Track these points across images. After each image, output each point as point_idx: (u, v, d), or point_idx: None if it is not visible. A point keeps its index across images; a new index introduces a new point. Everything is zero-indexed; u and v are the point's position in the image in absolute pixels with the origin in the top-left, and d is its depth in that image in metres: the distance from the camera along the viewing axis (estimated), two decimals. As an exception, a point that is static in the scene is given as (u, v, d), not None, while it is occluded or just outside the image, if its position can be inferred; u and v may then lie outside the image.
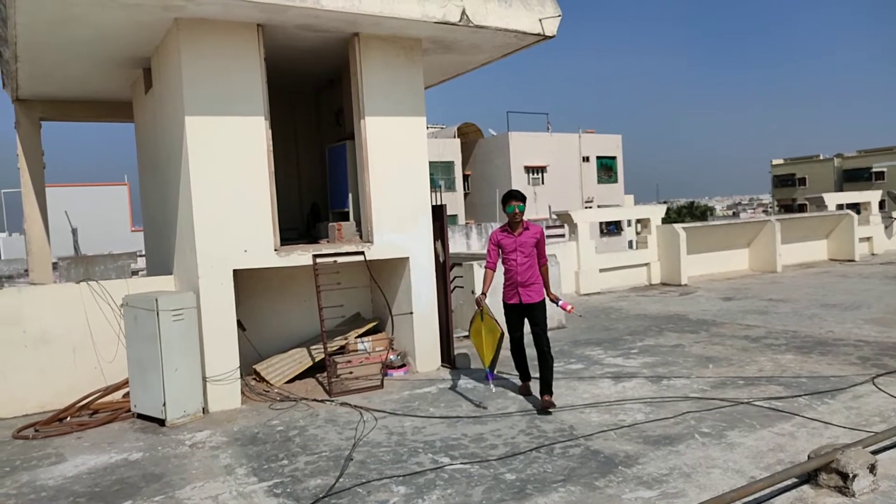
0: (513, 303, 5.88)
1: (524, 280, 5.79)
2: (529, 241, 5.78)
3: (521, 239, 5.79)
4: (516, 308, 5.89)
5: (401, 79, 7.17)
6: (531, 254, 5.80)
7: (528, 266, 5.79)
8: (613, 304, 11.64)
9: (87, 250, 24.81)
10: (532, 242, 5.79)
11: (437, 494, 4.07)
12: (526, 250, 5.78)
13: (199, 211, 6.24)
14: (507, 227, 5.86)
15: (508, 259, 5.83)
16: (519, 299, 5.82)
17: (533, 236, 5.80)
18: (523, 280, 5.79)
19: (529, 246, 5.79)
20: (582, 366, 7.21)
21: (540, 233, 5.84)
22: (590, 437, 4.92)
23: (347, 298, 7.65)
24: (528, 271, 5.79)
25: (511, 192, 5.84)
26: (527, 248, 5.78)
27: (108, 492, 4.45)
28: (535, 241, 5.79)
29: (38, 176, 9.84)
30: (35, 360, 6.44)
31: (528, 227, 5.84)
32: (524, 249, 5.78)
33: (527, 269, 5.78)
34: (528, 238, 5.79)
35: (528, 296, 5.80)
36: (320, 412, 6.01)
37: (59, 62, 7.40)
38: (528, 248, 5.78)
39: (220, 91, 6.28)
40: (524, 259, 5.78)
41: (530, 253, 5.79)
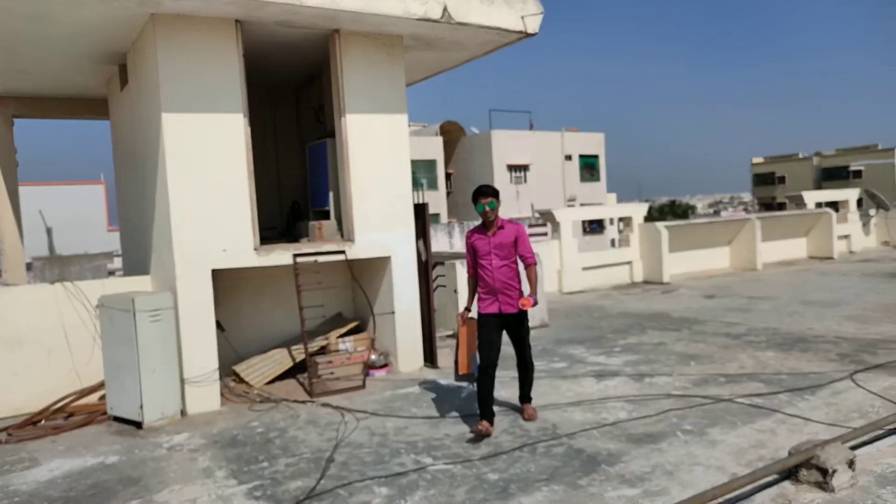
0: (489, 312, 5.16)
1: (502, 285, 5.13)
2: (506, 241, 5.15)
3: (497, 239, 5.15)
4: (494, 319, 5.16)
5: (382, 76, 7.11)
6: (508, 255, 5.16)
7: (506, 269, 5.14)
8: (596, 302, 11.66)
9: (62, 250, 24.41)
10: (509, 242, 5.15)
11: (419, 495, 4.03)
12: (502, 252, 5.15)
13: (177, 210, 6.13)
14: (481, 227, 5.28)
15: (482, 263, 5.19)
16: (498, 308, 5.14)
17: (509, 235, 5.16)
18: (501, 286, 5.12)
19: (506, 247, 5.15)
20: (565, 364, 7.20)
21: (518, 231, 5.20)
22: (573, 436, 4.90)
23: (328, 298, 7.57)
24: (506, 275, 5.13)
25: (480, 189, 5.19)
26: (503, 250, 5.15)
27: (83, 496, 4.35)
28: (511, 240, 5.16)
29: (11, 174, 9.63)
30: (8, 362, 6.29)
31: (504, 225, 5.20)
32: (500, 251, 5.15)
33: (504, 273, 5.13)
34: (503, 238, 5.15)
35: (509, 304, 5.13)
36: (301, 413, 5.93)
37: (34, 58, 7.24)
38: (505, 248, 5.15)
39: (198, 88, 6.17)
40: (500, 262, 5.14)
41: (507, 255, 5.16)
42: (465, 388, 6.42)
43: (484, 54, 8.22)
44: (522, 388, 5.48)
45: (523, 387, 5.48)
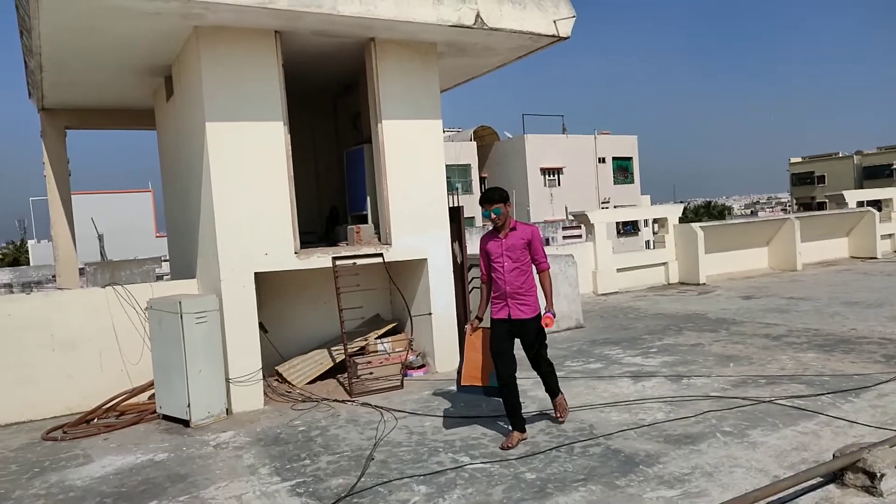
0: (500, 318, 4.98)
1: (513, 290, 4.92)
2: (518, 243, 4.94)
3: (509, 241, 4.96)
4: (504, 324, 4.97)
5: (417, 83, 7.23)
6: (521, 258, 4.95)
7: (518, 273, 4.93)
8: (631, 303, 11.59)
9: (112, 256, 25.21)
10: (521, 245, 4.94)
11: (457, 494, 4.10)
12: (514, 254, 4.93)
13: (221, 215, 6.34)
14: (494, 231, 5.09)
15: (495, 266, 4.99)
16: (508, 313, 4.95)
17: (522, 237, 4.95)
18: (512, 290, 4.92)
19: (518, 249, 4.94)
20: (601, 365, 7.20)
21: (531, 233, 4.99)
22: (610, 437, 4.92)
23: (367, 300, 7.71)
24: (517, 279, 4.92)
25: (484, 195, 4.99)
26: (515, 252, 4.93)
27: (134, 492, 4.53)
28: (524, 242, 4.95)
29: (64, 183, 10.04)
30: (63, 363, 6.58)
31: (517, 226, 5.00)
32: (512, 253, 4.93)
33: (516, 277, 4.92)
34: (516, 240, 4.95)
35: (519, 310, 4.93)
36: (341, 412, 6.07)
37: (82, 71, 7.56)
38: (517, 251, 4.94)
39: (240, 97, 6.38)
40: (512, 265, 4.93)
41: (519, 258, 4.94)
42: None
43: (517, 59, 8.28)
44: (548, 384, 5.31)
45: (548, 382, 5.31)
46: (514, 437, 4.88)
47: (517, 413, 4.97)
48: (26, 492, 4.66)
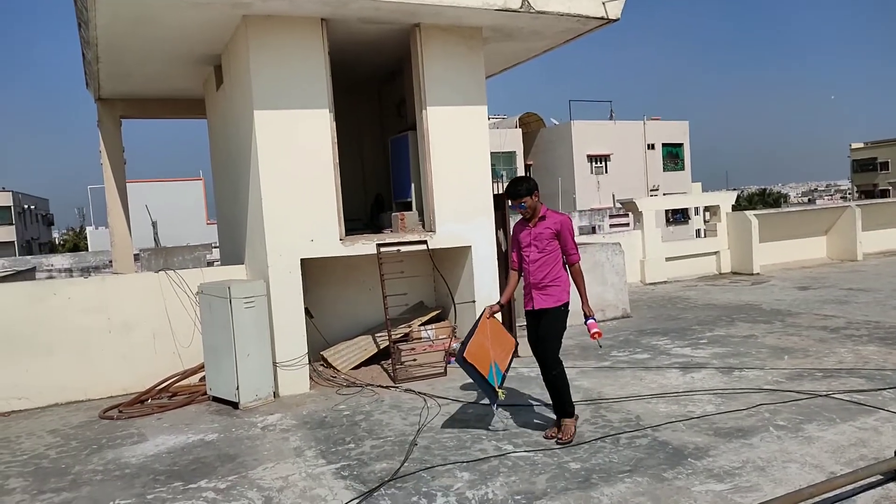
0: (527, 309, 4.86)
1: (537, 280, 4.76)
2: (546, 232, 4.74)
3: (537, 230, 4.78)
4: (530, 316, 4.87)
5: (462, 68, 7.17)
6: (547, 248, 4.75)
7: (543, 263, 4.75)
8: (680, 293, 11.33)
9: (166, 242, 26.01)
10: (549, 234, 4.73)
11: (500, 481, 4.08)
12: (541, 244, 4.75)
13: (268, 202, 6.43)
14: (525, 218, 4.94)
15: (524, 255, 4.85)
16: (532, 305, 4.82)
17: (551, 227, 4.74)
18: (536, 280, 4.77)
19: (546, 238, 4.74)
20: (648, 355, 7.06)
21: (561, 223, 4.75)
22: (657, 428, 4.82)
23: (411, 287, 7.73)
24: (541, 269, 4.75)
25: (508, 189, 4.84)
26: (542, 242, 4.75)
27: (185, 471, 4.67)
28: (553, 232, 4.73)
29: (120, 172, 10.37)
30: (119, 345, 6.82)
31: (547, 215, 4.79)
32: (539, 243, 4.76)
33: (540, 267, 4.75)
34: (543, 229, 4.76)
35: (541, 299, 4.75)
36: (385, 398, 6.11)
37: (136, 61, 7.76)
38: (544, 241, 4.75)
39: (287, 85, 6.44)
40: (538, 255, 4.75)
41: (546, 247, 4.75)
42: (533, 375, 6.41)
43: (564, 43, 8.12)
44: (553, 396, 4.84)
45: (554, 394, 4.82)
46: (570, 426, 4.72)
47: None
48: (85, 467, 4.86)
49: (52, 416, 6.27)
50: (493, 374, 4.76)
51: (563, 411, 4.76)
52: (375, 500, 3.95)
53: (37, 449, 5.33)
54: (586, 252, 9.41)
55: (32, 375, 6.52)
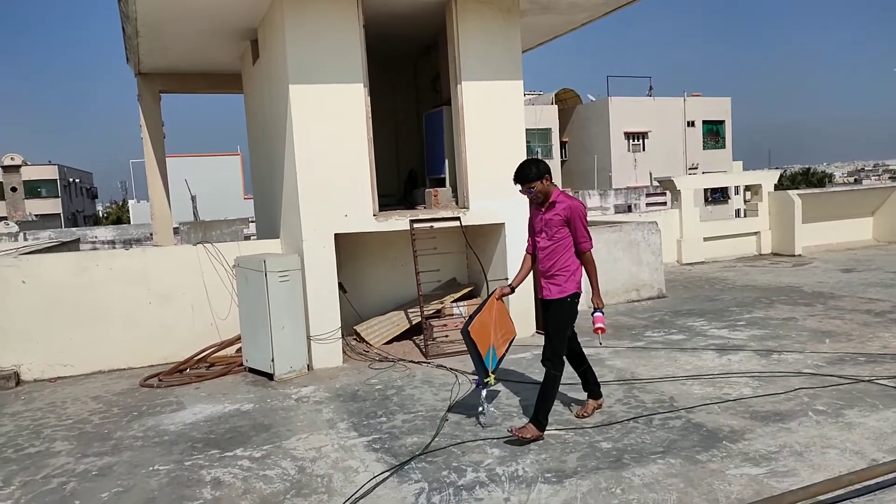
0: (541, 297, 4.68)
1: (545, 269, 4.56)
2: (555, 219, 4.47)
3: (547, 217, 4.52)
4: (542, 305, 4.70)
5: (498, 42, 7.05)
6: (556, 236, 4.50)
7: (552, 251, 4.51)
8: (718, 274, 11.10)
9: (204, 216, 26.50)
10: (559, 221, 4.46)
11: (530, 458, 4.08)
12: (550, 231, 4.51)
13: (303, 177, 6.47)
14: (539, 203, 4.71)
15: (535, 241, 4.66)
16: (542, 293, 4.64)
17: (560, 213, 4.46)
18: (544, 269, 4.57)
19: (555, 226, 4.48)
20: (683, 336, 6.95)
21: (570, 209, 4.45)
22: (691, 410, 4.75)
23: (443, 263, 7.73)
24: (550, 258, 4.52)
25: (516, 172, 4.56)
26: (551, 229, 4.50)
27: (222, 439, 4.78)
28: (562, 219, 4.45)
29: (160, 146, 10.54)
30: (158, 315, 6.98)
31: (560, 200, 4.50)
32: (548, 230, 4.52)
33: (548, 255, 4.52)
34: (553, 216, 4.49)
35: (548, 289, 4.55)
36: (417, 373, 6.15)
37: (175, 36, 7.83)
38: (554, 228, 4.49)
39: (322, 59, 6.42)
40: (547, 242, 4.53)
41: (555, 235, 4.50)
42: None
43: (603, 15, 7.92)
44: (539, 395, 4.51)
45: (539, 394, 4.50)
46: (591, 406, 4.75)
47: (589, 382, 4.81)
48: (126, 433, 5.01)
49: (96, 382, 6.48)
50: (490, 357, 4.61)
51: (534, 417, 4.37)
52: (406, 474, 3.99)
53: (81, 414, 5.52)
54: (622, 230, 9.28)
55: (77, 343, 6.74)
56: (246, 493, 3.88)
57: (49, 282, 6.71)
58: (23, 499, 3.97)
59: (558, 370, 4.45)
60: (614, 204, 27.34)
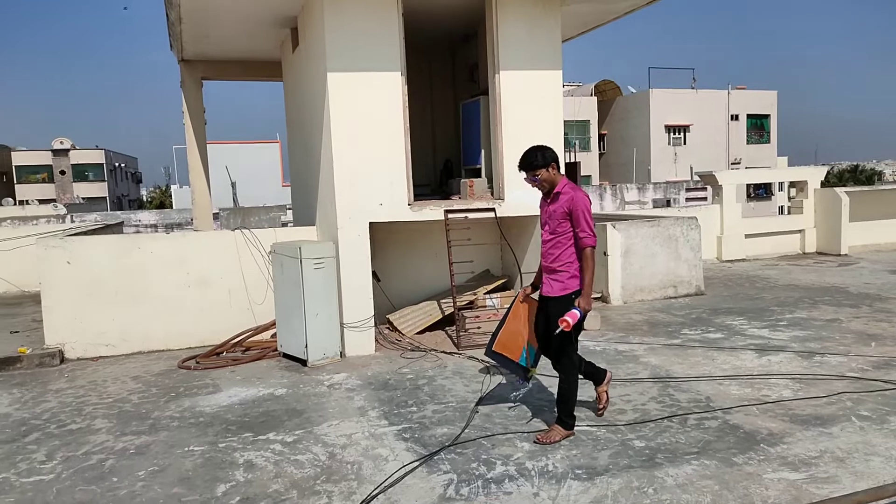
0: (540, 294, 4.48)
1: (547, 263, 4.36)
2: (558, 211, 4.26)
3: (551, 208, 4.31)
4: (540, 301, 4.47)
5: (537, 31, 6.94)
6: (558, 229, 4.27)
7: (554, 244, 4.30)
8: (759, 272, 10.82)
9: (244, 203, 26.92)
10: (561, 213, 4.24)
11: (561, 454, 4.04)
12: (553, 223, 4.30)
13: (339, 165, 6.49)
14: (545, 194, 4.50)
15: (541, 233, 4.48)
16: (542, 290, 4.42)
17: (563, 205, 4.23)
18: (546, 263, 4.37)
19: (558, 218, 4.26)
20: (721, 335, 6.79)
21: (572, 200, 4.21)
22: (728, 411, 4.64)
23: (477, 255, 7.69)
24: (551, 252, 4.31)
25: (522, 158, 4.39)
26: (554, 221, 4.29)
27: (255, 422, 4.85)
28: (565, 211, 4.23)
29: (201, 132, 10.71)
30: (197, 299, 7.12)
31: (564, 192, 4.27)
32: (551, 222, 4.31)
33: (550, 249, 4.32)
34: (556, 207, 4.28)
35: (548, 285, 4.33)
36: (448, 364, 6.15)
37: (217, 22, 7.93)
38: (556, 220, 4.27)
39: (361, 47, 6.42)
40: (549, 235, 4.33)
41: (557, 228, 4.28)
42: (611, 350, 6.29)
43: (645, 4, 7.75)
44: (557, 398, 4.40)
45: (557, 397, 4.38)
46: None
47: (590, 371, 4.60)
48: (163, 413, 5.13)
49: (136, 363, 6.64)
50: (526, 355, 4.52)
51: (558, 419, 4.29)
52: (435, 464, 3.99)
53: (121, 393, 5.67)
54: (660, 225, 9.11)
55: (118, 324, 6.91)
56: (277, 476, 3.93)
57: (92, 263, 6.90)
58: (64, 473, 4.10)
59: (571, 372, 4.31)
60: (653, 198, 26.87)
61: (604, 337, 6.92)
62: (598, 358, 6.11)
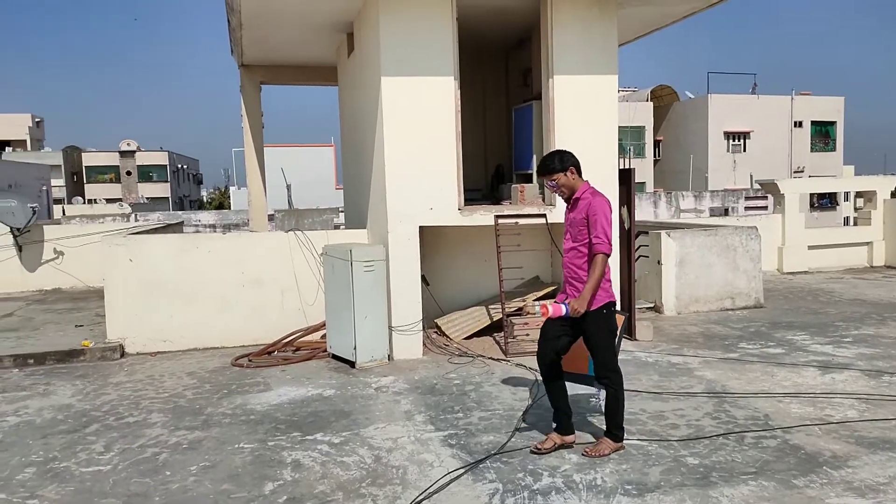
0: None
1: (569, 273, 4.15)
2: (578, 218, 4.08)
3: (572, 215, 4.15)
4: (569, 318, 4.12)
5: (593, 35, 6.83)
6: (579, 237, 4.08)
7: (575, 254, 4.10)
8: (823, 285, 10.36)
9: (298, 204, 27.45)
10: (581, 220, 4.05)
11: (610, 468, 3.94)
12: (573, 230, 4.12)
13: (391, 169, 6.53)
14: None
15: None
16: (565, 300, 4.15)
17: (582, 211, 4.06)
18: (568, 273, 4.15)
19: (578, 225, 4.08)
20: (782, 350, 6.52)
21: (590, 207, 4.02)
22: (788, 430, 4.44)
23: (527, 261, 7.62)
24: (572, 261, 4.11)
25: (541, 163, 4.28)
26: (574, 228, 4.11)
27: (304, 422, 4.91)
28: (583, 218, 4.04)
29: (258, 135, 10.99)
30: (250, 298, 7.27)
31: (583, 197, 4.09)
32: (572, 229, 4.14)
33: (572, 259, 4.12)
34: (576, 214, 4.10)
35: (573, 298, 4.09)
36: (496, 370, 6.09)
37: (275, 27, 8.12)
38: (577, 227, 4.09)
39: (415, 52, 6.45)
40: (571, 244, 4.13)
41: (577, 235, 4.09)
42: (664, 363, 6.12)
43: (707, 7, 7.53)
44: (605, 410, 4.24)
45: (605, 410, 4.22)
46: (553, 439, 4.18)
47: (559, 406, 4.24)
48: (216, 409, 5.25)
49: (191, 359, 6.83)
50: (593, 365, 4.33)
51: (607, 432, 4.17)
52: (481, 472, 3.94)
53: (176, 389, 5.83)
54: (717, 234, 8.84)
55: (176, 321, 7.12)
56: (324, 477, 3.96)
57: (153, 261, 7.13)
58: (120, 465, 4.23)
59: (618, 386, 4.14)
60: (710, 206, 26.10)
61: (656, 348, 6.74)
62: (651, 370, 5.96)
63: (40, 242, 11.44)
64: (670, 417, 4.74)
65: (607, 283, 4.12)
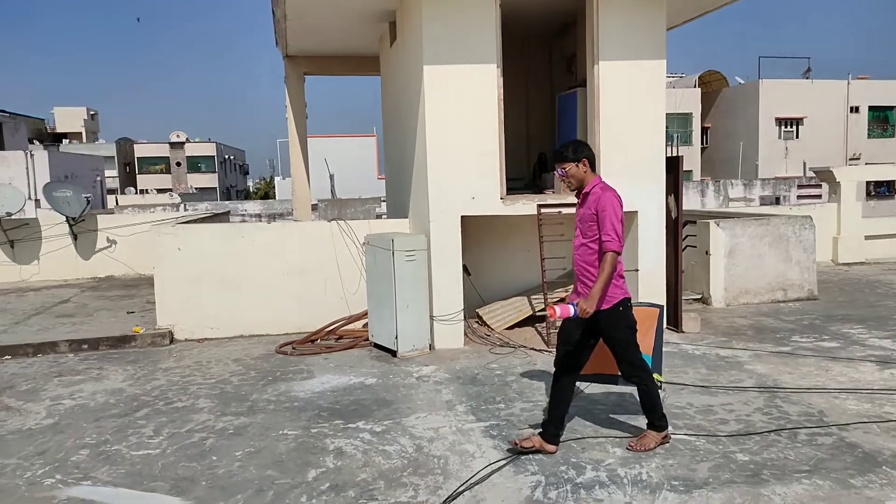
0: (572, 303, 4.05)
1: (580, 271, 4.02)
2: (587, 213, 3.97)
3: (582, 210, 4.04)
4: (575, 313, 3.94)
5: (640, 20, 6.65)
6: (588, 233, 3.96)
7: (586, 250, 3.98)
8: (882, 277, 9.94)
9: (341, 195, 27.72)
10: (591, 216, 3.94)
11: (656, 463, 3.85)
12: (583, 226, 4.00)
13: (433, 158, 6.50)
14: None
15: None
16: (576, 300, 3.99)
17: (591, 206, 3.94)
18: (579, 270, 4.03)
19: (588, 221, 3.96)
20: (837, 344, 6.27)
21: (599, 203, 3.90)
22: (844, 427, 4.26)
23: (570, 251, 7.47)
24: (583, 258, 3.99)
25: (555, 151, 4.17)
26: (584, 223, 4.00)
27: (346, 410, 4.95)
28: (593, 213, 3.93)
29: (302, 126, 11.11)
30: (294, 287, 7.36)
31: (593, 192, 3.98)
32: (582, 225, 4.03)
33: (582, 255, 4.00)
34: (585, 209, 3.99)
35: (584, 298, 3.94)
36: (537, 361, 6.03)
37: (319, 18, 8.16)
38: (587, 223, 3.98)
39: (457, 40, 6.39)
40: (581, 240, 4.01)
41: (587, 231, 3.97)
42: (712, 356, 5.96)
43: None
44: (642, 407, 4.12)
45: (642, 406, 4.11)
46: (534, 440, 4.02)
47: (555, 411, 4.07)
48: (261, 396, 5.33)
49: (237, 346, 6.96)
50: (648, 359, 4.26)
51: (650, 424, 4.07)
52: (523, 464, 3.91)
53: (223, 375, 5.95)
54: (769, 224, 8.55)
55: (222, 308, 7.27)
56: (365, 465, 3.98)
57: (201, 250, 7.29)
58: (168, 448, 4.34)
59: (648, 380, 4.03)
60: (760, 195, 25.35)
61: (704, 341, 6.56)
62: (698, 363, 5.81)
63: (94, 231, 11.85)
64: (719, 412, 4.60)
65: (620, 279, 4.00)
